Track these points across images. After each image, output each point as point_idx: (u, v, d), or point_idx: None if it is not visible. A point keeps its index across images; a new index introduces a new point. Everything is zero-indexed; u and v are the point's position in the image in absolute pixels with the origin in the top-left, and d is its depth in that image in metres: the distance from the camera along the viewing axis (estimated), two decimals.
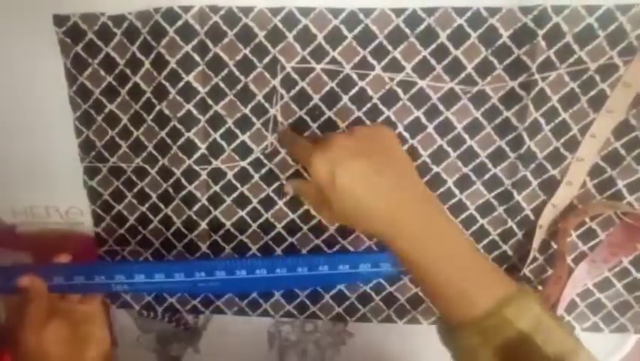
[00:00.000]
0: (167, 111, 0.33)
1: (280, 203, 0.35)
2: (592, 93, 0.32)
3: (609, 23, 0.30)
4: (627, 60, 0.30)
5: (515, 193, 0.33)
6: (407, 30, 0.31)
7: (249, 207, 0.36)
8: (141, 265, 0.33)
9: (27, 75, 0.34)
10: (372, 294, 0.38)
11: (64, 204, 0.37)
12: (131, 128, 0.35)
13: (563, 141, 0.33)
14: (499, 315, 0.22)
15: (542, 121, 0.32)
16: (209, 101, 0.33)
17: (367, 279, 0.36)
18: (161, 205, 0.36)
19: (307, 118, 0.33)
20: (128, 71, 0.33)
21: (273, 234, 0.36)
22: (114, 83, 0.34)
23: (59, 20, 0.32)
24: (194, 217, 0.36)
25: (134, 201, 0.37)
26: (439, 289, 0.24)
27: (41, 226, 0.38)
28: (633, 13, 0.29)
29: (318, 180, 0.24)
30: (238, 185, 0.35)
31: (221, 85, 0.33)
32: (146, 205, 0.37)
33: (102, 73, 0.33)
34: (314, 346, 0.41)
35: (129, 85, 0.33)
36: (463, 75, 0.31)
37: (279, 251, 0.37)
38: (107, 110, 0.34)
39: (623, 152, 0.33)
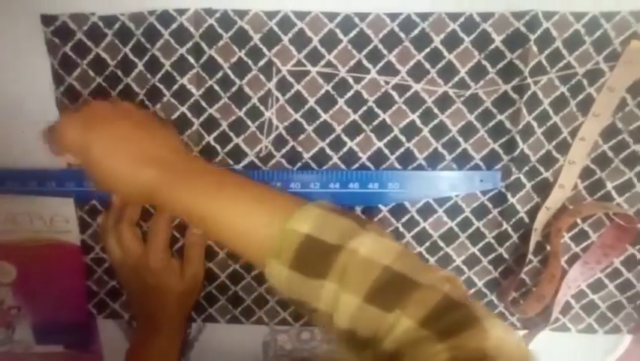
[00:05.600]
0: (161, 114, 0.33)
1: None
2: (580, 97, 0.32)
3: (595, 30, 0.31)
4: (612, 65, 0.31)
5: (509, 196, 0.34)
6: (402, 34, 0.31)
7: None
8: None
9: (13, 75, 0.33)
10: None
11: (48, 211, 0.36)
12: None
13: (554, 143, 0.33)
14: (283, 231, 0.22)
15: (535, 124, 0.33)
16: (204, 104, 0.33)
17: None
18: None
19: (302, 121, 0.33)
20: (119, 73, 0.32)
21: None
22: (104, 84, 0.33)
23: (47, 20, 0.31)
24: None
25: None
26: (228, 231, 0.24)
27: (24, 234, 0.37)
28: (617, 20, 0.31)
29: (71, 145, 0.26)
30: None
31: (216, 88, 0.32)
32: None
33: (91, 74, 0.32)
34: (310, 355, 0.40)
35: (120, 86, 0.33)
36: (456, 79, 0.32)
37: None
38: None
39: (611, 154, 0.33)
